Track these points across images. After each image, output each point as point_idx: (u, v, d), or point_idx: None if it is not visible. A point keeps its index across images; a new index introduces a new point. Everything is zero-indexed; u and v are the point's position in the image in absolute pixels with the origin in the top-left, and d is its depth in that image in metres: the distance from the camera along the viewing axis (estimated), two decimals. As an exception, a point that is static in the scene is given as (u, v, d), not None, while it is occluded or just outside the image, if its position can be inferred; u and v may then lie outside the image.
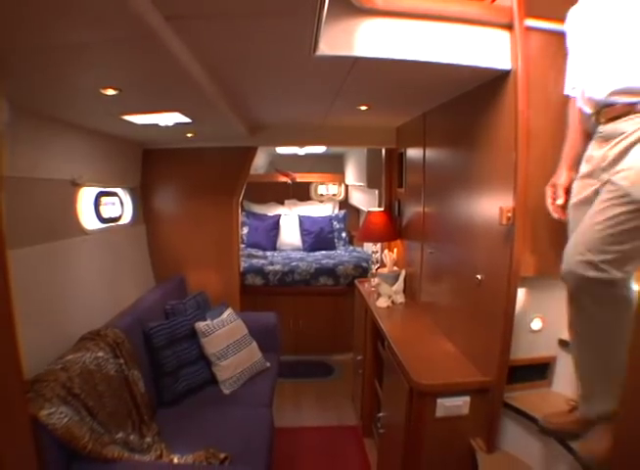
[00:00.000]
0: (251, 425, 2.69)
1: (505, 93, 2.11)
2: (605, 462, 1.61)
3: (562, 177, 1.95)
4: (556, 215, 1.95)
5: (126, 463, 2.09)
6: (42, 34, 1.40)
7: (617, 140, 1.66)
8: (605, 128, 1.72)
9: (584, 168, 1.84)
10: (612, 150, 1.68)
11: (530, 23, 2.04)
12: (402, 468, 2.31)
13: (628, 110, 1.63)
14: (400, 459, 2.32)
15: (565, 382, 2.31)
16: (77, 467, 1.99)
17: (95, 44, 1.49)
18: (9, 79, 1.67)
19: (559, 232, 2.09)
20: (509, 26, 2.04)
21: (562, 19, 1.95)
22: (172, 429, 2.59)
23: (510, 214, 2.04)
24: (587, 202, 1.78)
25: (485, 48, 2.05)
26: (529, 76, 2.04)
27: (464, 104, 2.55)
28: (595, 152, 1.77)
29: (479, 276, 2.32)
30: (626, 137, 1.63)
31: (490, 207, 2.22)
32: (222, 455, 2.28)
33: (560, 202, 1.92)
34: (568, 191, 1.91)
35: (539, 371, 2.34)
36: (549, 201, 1.96)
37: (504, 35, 2.06)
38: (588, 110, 1.81)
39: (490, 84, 2.21)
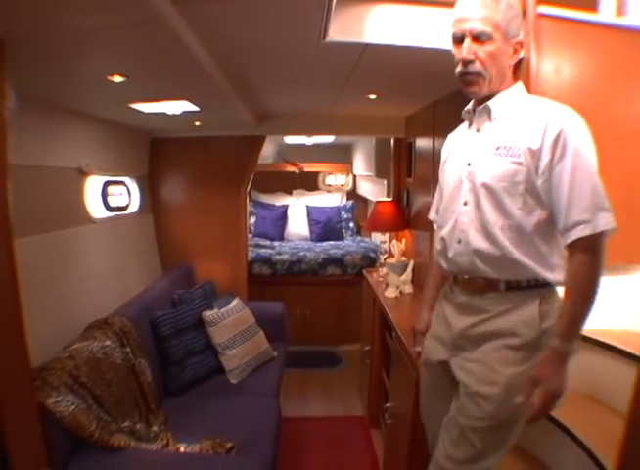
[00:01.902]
0: (258, 414, 2.68)
1: (517, 81, 2.08)
2: None
3: (421, 322, 1.93)
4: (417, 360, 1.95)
5: (133, 452, 2.09)
6: (48, 19, 1.38)
7: (476, 319, 1.56)
8: (463, 298, 1.62)
9: (436, 328, 1.76)
10: (471, 330, 1.58)
11: (543, 9, 2.00)
12: (409, 459, 2.30)
13: (491, 286, 1.54)
14: (407, 450, 2.31)
15: (573, 374, 2.29)
16: (84, 455, 2.00)
17: (101, 29, 1.48)
18: (15, 66, 1.65)
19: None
20: (522, 13, 2.01)
21: (576, 5, 1.92)
22: (179, 418, 2.59)
23: (520, 204, 2.02)
24: (438, 371, 1.73)
25: (497, 35, 2.01)
26: (542, 64, 2.01)
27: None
28: (452, 318, 1.66)
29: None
30: (489, 319, 1.54)
31: (501, 197, 2.19)
32: (229, 445, 2.28)
33: (419, 349, 1.90)
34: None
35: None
36: (410, 344, 1.93)
37: (516, 22, 2.03)
38: (444, 265, 1.69)
39: (502, 72, 2.17)
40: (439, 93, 2.95)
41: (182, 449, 2.27)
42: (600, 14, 2.10)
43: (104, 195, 3.25)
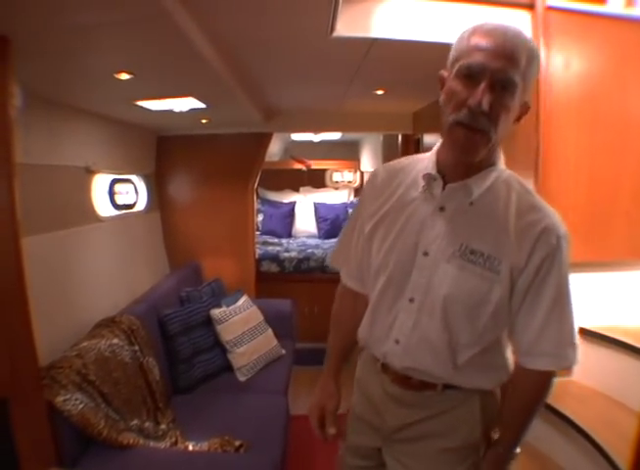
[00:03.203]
0: (267, 412, 2.68)
1: (526, 75, 2.07)
2: None
3: (332, 399, 1.61)
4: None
5: (141, 450, 2.09)
6: (54, 16, 1.37)
7: (414, 418, 1.35)
8: (394, 389, 1.37)
9: (362, 411, 1.51)
10: (409, 428, 1.36)
11: (552, 2, 1.99)
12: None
13: (428, 387, 1.32)
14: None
15: (585, 371, 2.27)
16: (93, 453, 2.00)
17: (108, 25, 1.47)
18: (21, 64, 1.65)
19: (581, 217, 2.04)
20: (530, 6, 2.00)
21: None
22: (187, 416, 2.59)
23: (531, 200, 2.00)
24: (371, 456, 1.50)
25: (506, 29, 2.00)
26: (551, 59, 1.99)
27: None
28: (383, 407, 1.41)
29: (497, 263, 2.27)
30: (429, 419, 1.34)
31: (510, 192, 2.17)
32: (237, 443, 2.27)
33: (332, 432, 1.55)
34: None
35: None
36: (316, 426, 1.59)
37: (525, 16, 2.01)
38: (374, 350, 1.42)
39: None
40: (447, 88, 2.93)
41: (190, 448, 2.27)
42: (609, 5, 2.08)
43: (111, 193, 3.25)
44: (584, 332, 2.27)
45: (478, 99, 1.05)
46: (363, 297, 1.47)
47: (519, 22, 2.00)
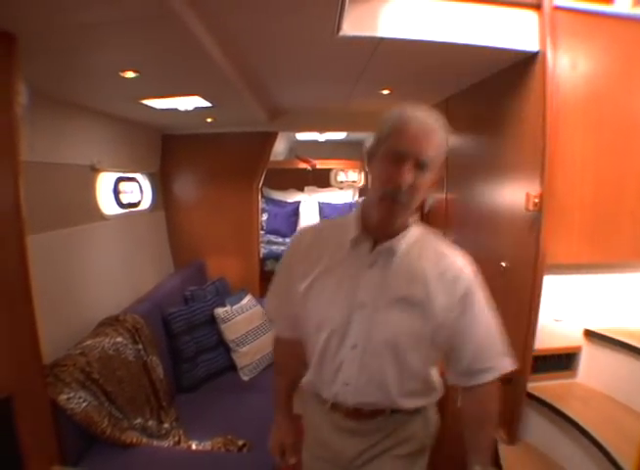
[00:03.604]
0: (270, 412, 2.63)
1: (532, 76, 2.06)
2: None
3: (289, 434, 1.78)
4: None
5: (144, 449, 2.09)
6: (60, 12, 1.37)
7: (367, 444, 1.50)
8: (346, 424, 1.50)
9: (317, 451, 1.62)
10: (364, 454, 1.51)
11: (559, 2, 1.97)
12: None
13: (377, 413, 1.47)
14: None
15: (590, 373, 2.26)
16: (96, 451, 2.01)
17: (114, 23, 1.47)
18: (27, 61, 1.65)
19: (587, 217, 2.03)
20: (537, 6, 1.98)
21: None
22: (191, 415, 2.59)
23: (537, 200, 1.99)
24: None
25: (512, 29, 1.99)
26: (558, 59, 1.98)
27: (488, 88, 2.49)
28: (338, 442, 1.53)
29: (503, 264, 2.27)
30: (381, 440, 1.50)
31: (516, 192, 2.16)
32: (240, 442, 2.27)
33: (293, 461, 1.74)
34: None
35: (564, 361, 2.29)
36: (279, 458, 1.77)
37: (532, 16, 2.00)
38: (322, 392, 1.52)
39: (517, 67, 2.15)
40: (453, 89, 2.92)
41: (194, 447, 2.27)
42: (616, 5, 2.07)
43: (116, 191, 3.25)
44: (589, 334, 2.26)
45: (402, 179, 1.26)
46: (297, 340, 1.60)
47: (525, 22, 1.99)
